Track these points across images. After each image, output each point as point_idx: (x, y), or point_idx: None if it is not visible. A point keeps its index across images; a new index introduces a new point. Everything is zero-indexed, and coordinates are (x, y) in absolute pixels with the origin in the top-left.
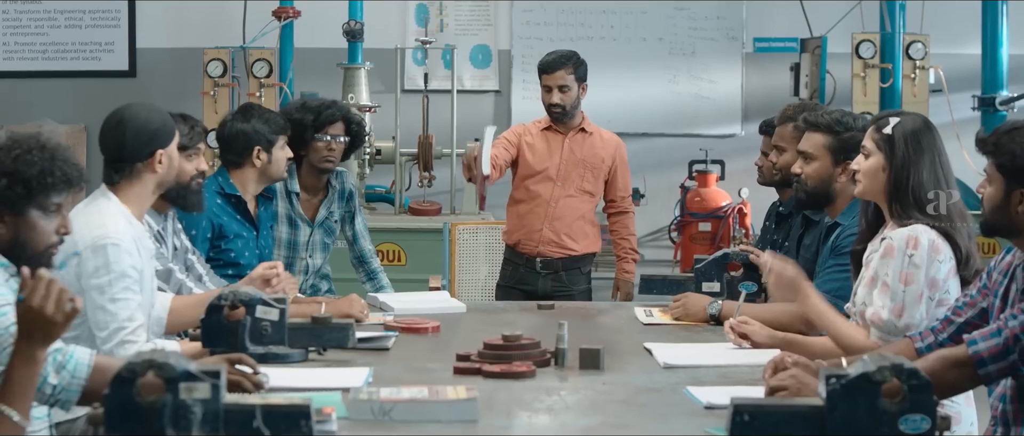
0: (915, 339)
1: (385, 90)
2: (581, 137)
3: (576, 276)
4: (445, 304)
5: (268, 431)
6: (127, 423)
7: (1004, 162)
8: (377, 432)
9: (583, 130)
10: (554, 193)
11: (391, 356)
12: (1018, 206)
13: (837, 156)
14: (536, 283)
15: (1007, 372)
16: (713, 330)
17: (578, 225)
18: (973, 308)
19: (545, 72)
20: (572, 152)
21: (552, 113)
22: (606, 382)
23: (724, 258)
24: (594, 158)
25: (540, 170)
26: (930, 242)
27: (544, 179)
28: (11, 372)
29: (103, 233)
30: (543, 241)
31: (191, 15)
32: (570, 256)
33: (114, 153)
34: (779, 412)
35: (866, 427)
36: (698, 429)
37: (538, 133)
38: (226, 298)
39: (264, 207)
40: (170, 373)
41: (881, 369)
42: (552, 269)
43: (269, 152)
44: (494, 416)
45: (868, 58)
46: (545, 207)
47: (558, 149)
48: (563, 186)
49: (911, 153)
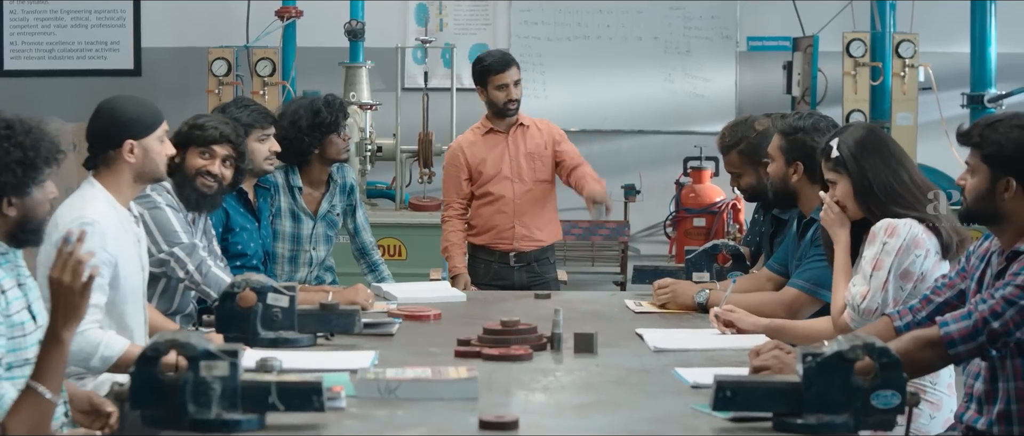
0: (894, 317)
1: (386, 88)
2: (521, 131)
3: (546, 266)
4: (446, 293)
5: (282, 406)
6: (150, 399)
7: (991, 152)
8: (383, 409)
9: (521, 125)
10: (515, 189)
11: (395, 341)
12: (1003, 194)
13: (788, 157)
14: (511, 277)
15: (976, 353)
16: (701, 317)
17: (544, 215)
18: (952, 289)
19: (496, 72)
20: (517, 147)
21: (508, 110)
22: (599, 364)
23: (714, 249)
24: (537, 148)
25: (495, 173)
26: (912, 236)
27: (502, 179)
28: (41, 353)
29: (81, 215)
30: (516, 237)
31: (195, 15)
32: (540, 247)
33: (89, 139)
34: (759, 388)
35: (840, 402)
36: (685, 406)
37: (480, 139)
38: (239, 284)
39: (263, 198)
40: (191, 352)
41: (854, 348)
42: (525, 262)
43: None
44: (493, 395)
45: (859, 57)
46: (511, 204)
47: (505, 148)
48: (521, 181)
49: (860, 161)
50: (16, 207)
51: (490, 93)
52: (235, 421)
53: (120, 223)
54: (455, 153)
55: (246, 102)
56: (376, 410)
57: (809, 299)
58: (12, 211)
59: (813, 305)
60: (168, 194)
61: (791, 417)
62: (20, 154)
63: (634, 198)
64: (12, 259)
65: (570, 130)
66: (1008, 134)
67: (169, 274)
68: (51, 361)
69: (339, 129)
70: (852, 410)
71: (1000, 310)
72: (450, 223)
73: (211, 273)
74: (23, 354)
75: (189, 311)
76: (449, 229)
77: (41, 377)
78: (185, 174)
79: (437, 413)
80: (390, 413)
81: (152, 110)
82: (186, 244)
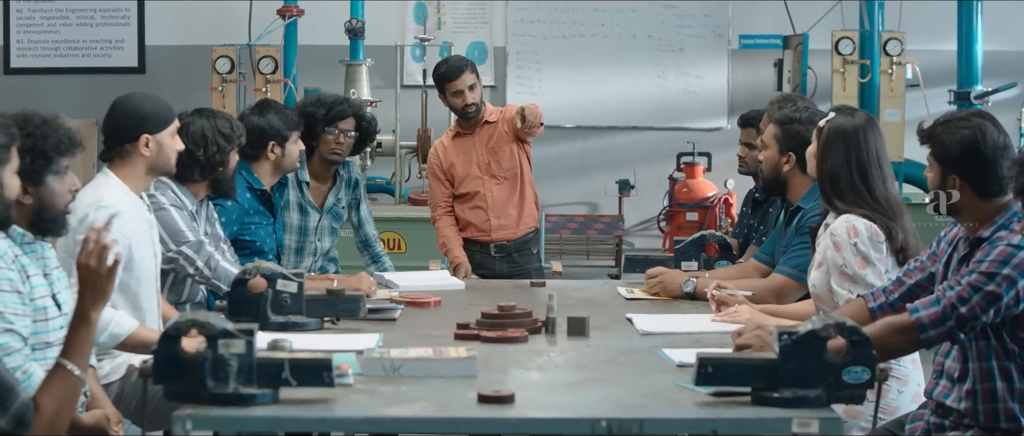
0: (867, 299)
1: (385, 85)
2: (488, 128)
3: (527, 255)
4: (445, 282)
5: (295, 382)
6: (173, 375)
7: (937, 152)
8: (388, 386)
9: (488, 122)
10: (487, 186)
11: (397, 326)
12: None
13: (782, 146)
14: (493, 266)
15: (946, 337)
16: (690, 304)
17: (518, 205)
18: (923, 272)
19: (450, 79)
20: (484, 145)
21: (467, 114)
22: (591, 346)
23: (702, 239)
24: (499, 139)
25: (466, 173)
26: (867, 227)
27: (473, 178)
28: (70, 332)
29: (98, 199)
30: (493, 228)
31: (198, 13)
32: (519, 237)
33: (106, 133)
34: (738, 364)
35: (813, 377)
36: (670, 383)
37: (451, 143)
38: (251, 271)
39: (279, 193)
40: (210, 331)
41: (826, 327)
42: (506, 252)
43: (283, 147)
44: (491, 372)
45: (847, 54)
46: (485, 200)
47: (472, 149)
48: (492, 177)
49: (828, 145)
50: (32, 195)
51: (448, 99)
52: (251, 395)
53: (134, 209)
54: (432, 158)
55: (277, 106)
56: (381, 386)
57: (795, 285)
58: (28, 199)
59: (799, 290)
60: (172, 193)
61: (768, 391)
62: (30, 143)
63: (628, 193)
64: (38, 249)
65: (566, 126)
66: (953, 135)
67: (178, 270)
68: (79, 340)
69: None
70: (825, 385)
71: (967, 296)
72: (441, 221)
73: (220, 267)
74: (44, 337)
75: (199, 300)
76: (441, 226)
77: (70, 355)
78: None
79: (438, 389)
80: (394, 389)
81: (166, 107)
82: (193, 242)
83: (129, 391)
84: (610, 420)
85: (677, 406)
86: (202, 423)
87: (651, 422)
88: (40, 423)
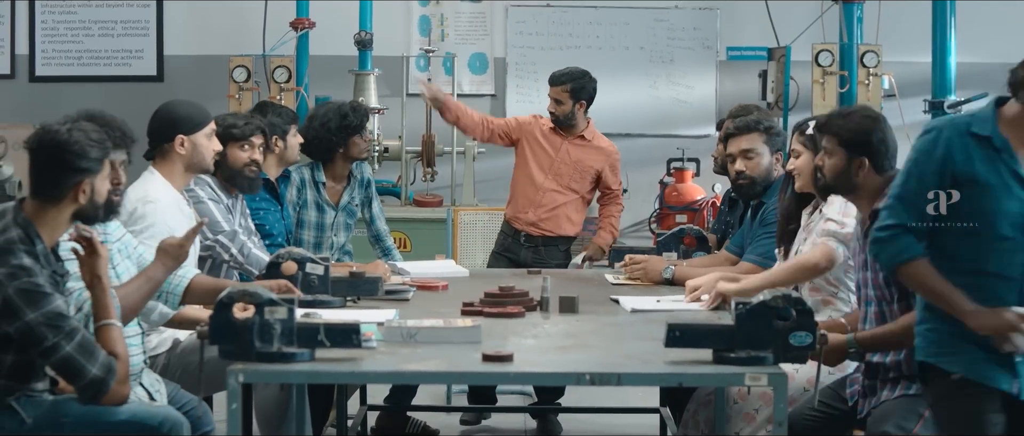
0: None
1: (391, 94)
2: (579, 142)
3: (553, 251)
4: (452, 269)
5: (328, 343)
6: (226, 337)
7: (844, 138)
8: (406, 349)
9: (582, 137)
10: (545, 185)
11: (411, 305)
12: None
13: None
14: (519, 253)
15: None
16: (668, 288)
17: (559, 214)
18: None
19: (549, 84)
20: (567, 154)
21: (552, 118)
22: (579, 320)
23: (681, 233)
24: (584, 163)
25: (536, 163)
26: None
27: (538, 171)
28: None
29: (145, 194)
30: (527, 222)
31: (215, 25)
32: (548, 236)
33: (149, 134)
34: (701, 329)
35: (765, 340)
36: (647, 347)
37: (546, 130)
38: (283, 256)
39: (284, 186)
40: (257, 299)
41: (775, 298)
42: (533, 243)
43: (284, 139)
44: (493, 339)
45: (827, 66)
46: (535, 191)
47: (556, 149)
48: (553, 181)
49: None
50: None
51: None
52: (292, 354)
53: (176, 203)
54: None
55: (274, 105)
56: (400, 349)
57: (761, 270)
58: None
59: None
60: (210, 188)
61: (726, 352)
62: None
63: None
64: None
65: None
66: (860, 124)
67: (215, 257)
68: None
69: (362, 132)
70: (774, 347)
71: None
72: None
73: (252, 254)
74: None
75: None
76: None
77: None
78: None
79: (449, 351)
80: (411, 351)
81: (201, 111)
82: (228, 231)
83: (175, 362)
84: (593, 374)
85: (650, 364)
86: (252, 376)
87: (627, 376)
88: (121, 368)
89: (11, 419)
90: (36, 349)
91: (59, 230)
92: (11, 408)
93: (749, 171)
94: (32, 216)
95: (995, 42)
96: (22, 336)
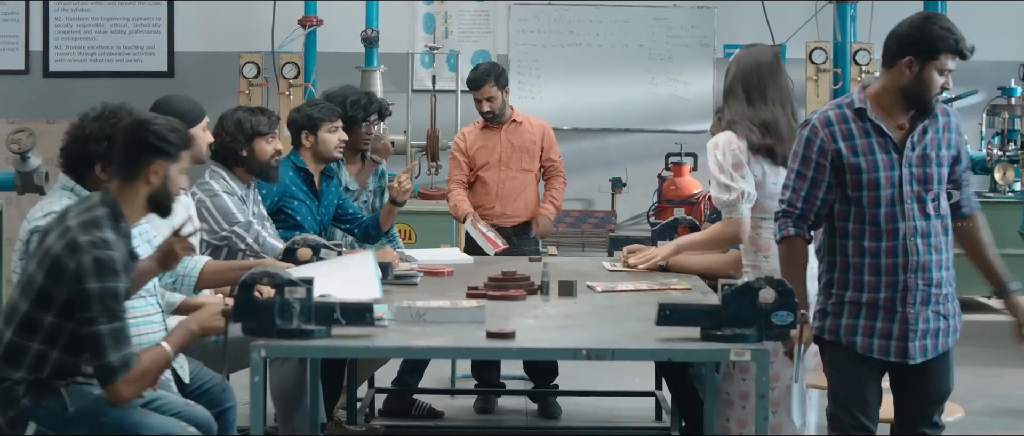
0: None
1: (397, 90)
2: (513, 127)
3: (525, 240)
4: (456, 257)
5: (344, 321)
6: (248, 314)
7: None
8: (415, 327)
9: (514, 121)
10: (500, 176)
11: (419, 289)
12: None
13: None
14: None
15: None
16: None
17: (521, 199)
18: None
19: (474, 88)
20: (508, 142)
21: (485, 117)
22: (577, 303)
23: (674, 222)
24: (527, 142)
25: (485, 162)
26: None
27: (490, 167)
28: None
29: None
30: (495, 215)
31: (224, 22)
32: (517, 223)
33: None
34: (690, 308)
35: (749, 319)
36: (642, 327)
37: (478, 132)
38: (298, 243)
39: (326, 183)
40: (278, 280)
41: (758, 280)
42: (505, 235)
43: (315, 134)
44: (496, 319)
45: (820, 63)
46: (493, 188)
47: (497, 142)
48: (506, 170)
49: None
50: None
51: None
52: (310, 330)
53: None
54: (457, 142)
55: (316, 101)
56: (410, 327)
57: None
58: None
59: None
60: (223, 180)
61: (713, 330)
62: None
63: (620, 190)
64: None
65: (562, 128)
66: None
67: (232, 246)
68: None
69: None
70: (757, 325)
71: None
72: (455, 191)
73: (267, 242)
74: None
75: None
76: (454, 194)
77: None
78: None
79: (455, 330)
80: (420, 329)
81: (196, 105)
82: (243, 222)
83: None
84: (590, 349)
85: (642, 341)
86: (273, 351)
87: (621, 351)
88: (133, 373)
89: (56, 403)
90: (78, 315)
91: (137, 212)
92: (59, 393)
93: None
94: (116, 196)
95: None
96: (74, 298)
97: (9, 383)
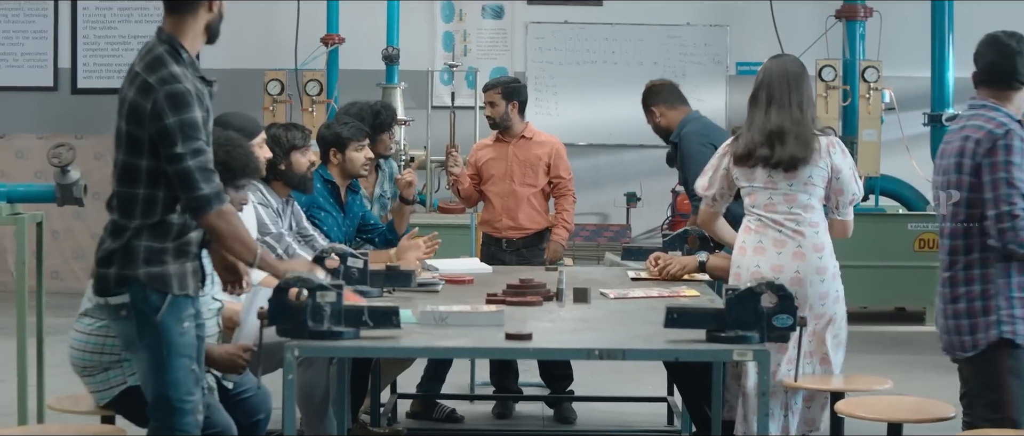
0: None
1: (417, 106)
2: (522, 142)
3: (535, 251)
4: (476, 267)
5: (371, 323)
6: (283, 317)
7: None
8: (438, 330)
9: (524, 137)
10: (506, 190)
11: (440, 296)
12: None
13: None
14: (505, 259)
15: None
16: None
17: (527, 211)
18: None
19: (483, 91)
20: (515, 156)
21: (491, 125)
22: (591, 308)
23: (684, 233)
24: (532, 158)
25: (493, 174)
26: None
27: (498, 180)
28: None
29: None
30: (504, 227)
31: (248, 40)
32: (527, 235)
33: None
34: (696, 312)
35: (751, 322)
36: (651, 329)
37: (491, 145)
38: (327, 252)
39: (351, 197)
40: (310, 285)
41: (761, 285)
42: (515, 247)
43: (343, 152)
44: (514, 322)
45: (830, 80)
46: (501, 201)
47: (504, 155)
48: (512, 183)
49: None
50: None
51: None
52: (340, 332)
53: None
54: (471, 151)
55: (345, 120)
56: (433, 330)
57: None
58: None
59: None
60: (260, 193)
61: (718, 332)
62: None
63: (635, 204)
64: None
65: (578, 144)
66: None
67: None
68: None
69: (390, 129)
70: (759, 328)
71: None
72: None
73: (296, 253)
74: None
75: None
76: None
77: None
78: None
79: (475, 332)
80: (442, 332)
81: (253, 122)
82: (275, 234)
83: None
84: (602, 350)
85: (652, 342)
86: (306, 351)
87: (632, 351)
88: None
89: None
90: (165, 151)
91: (197, 41)
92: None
93: None
94: (172, 32)
95: None
96: (158, 137)
97: (129, 234)
